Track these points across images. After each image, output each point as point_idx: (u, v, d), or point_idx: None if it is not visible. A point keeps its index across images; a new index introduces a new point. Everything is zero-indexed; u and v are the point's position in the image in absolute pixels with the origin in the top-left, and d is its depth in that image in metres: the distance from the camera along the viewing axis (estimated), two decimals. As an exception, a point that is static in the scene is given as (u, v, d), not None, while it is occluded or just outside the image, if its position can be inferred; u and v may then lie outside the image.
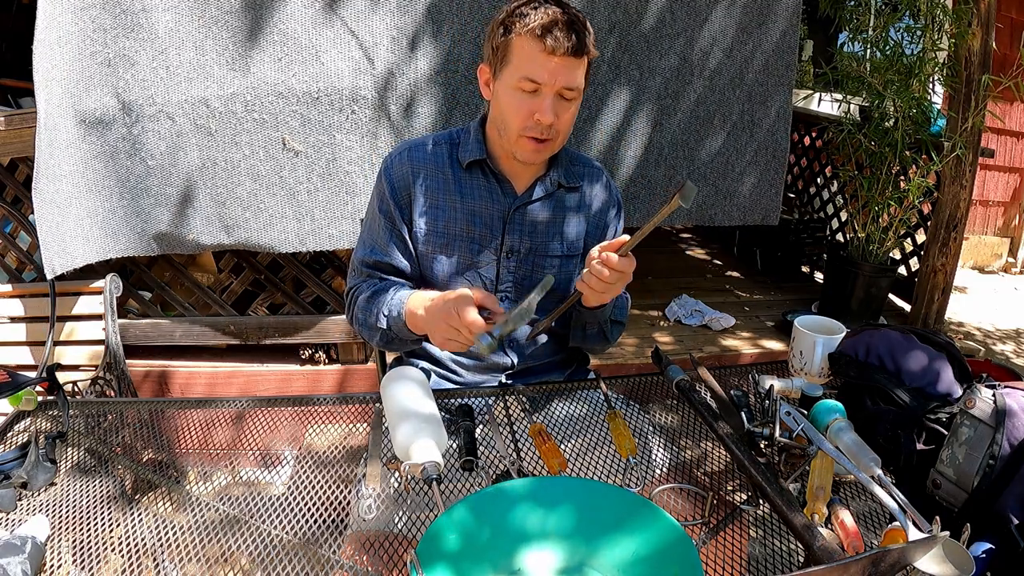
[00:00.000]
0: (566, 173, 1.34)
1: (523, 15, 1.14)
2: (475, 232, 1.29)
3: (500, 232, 1.30)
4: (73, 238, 2.19)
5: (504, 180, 1.30)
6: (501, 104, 1.20)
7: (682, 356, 2.78)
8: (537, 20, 1.12)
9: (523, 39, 1.14)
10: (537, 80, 1.14)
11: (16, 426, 1.16)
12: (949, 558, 0.72)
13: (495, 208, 1.29)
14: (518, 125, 1.18)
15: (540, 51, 1.12)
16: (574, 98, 1.19)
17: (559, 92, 1.16)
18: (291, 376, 2.68)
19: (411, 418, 0.99)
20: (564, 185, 1.33)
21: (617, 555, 0.81)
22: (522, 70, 1.14)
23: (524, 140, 1.19)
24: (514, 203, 1.30)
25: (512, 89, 1.17)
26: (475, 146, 1.28)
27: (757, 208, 2.87)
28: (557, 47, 1.11)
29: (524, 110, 1.16)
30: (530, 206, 1.31)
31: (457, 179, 1.29)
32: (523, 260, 1.32)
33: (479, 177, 1.30)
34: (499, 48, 1.18)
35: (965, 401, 0.94)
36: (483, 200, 1.29)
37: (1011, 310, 4.51)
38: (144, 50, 2.12)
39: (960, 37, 2.80)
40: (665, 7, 2.48)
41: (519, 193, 1.31)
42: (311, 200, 2.32)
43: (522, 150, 1.21)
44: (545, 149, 1.22)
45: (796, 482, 0.96)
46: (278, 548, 0.91)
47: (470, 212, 1.29)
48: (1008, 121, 4.89)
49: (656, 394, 1.32)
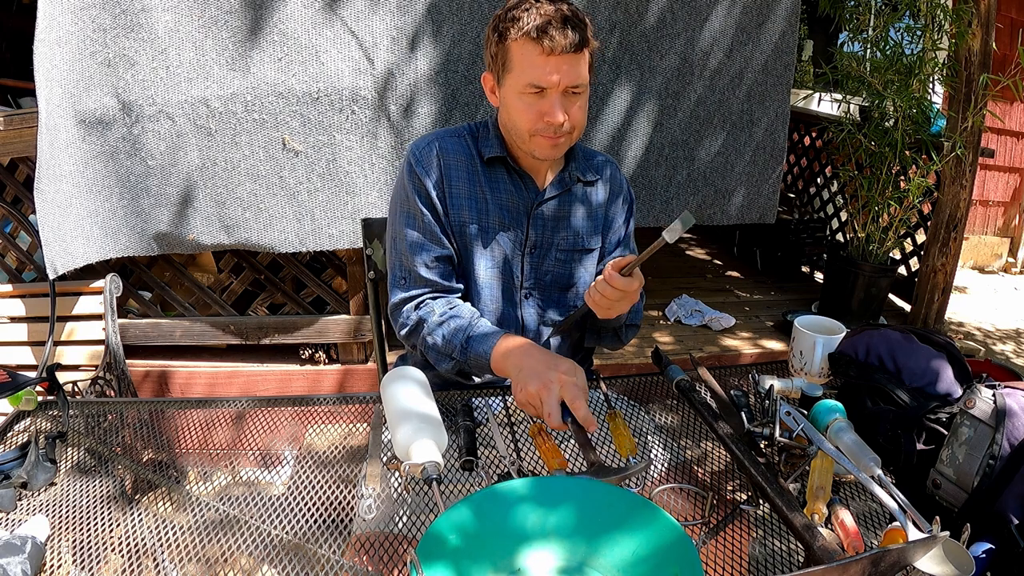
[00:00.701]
0: (582, 167, 1.35)
1: (515, 19, 1.11)
2: (506, 224, 1.29)
3: (525, 226, 1.30)
4: (74, 238, 2.19)
5: (526, 175, 1.30)
6: (510, 110, 1.20)
7: (682, 356, 2.78)
8: (531, 22, 1.10)
9: (520, 44, 1.12)
10: (541, 84, 1.13)
11: (16, 426, 1.16)
12: (949, 558, 0.72)
13: (520, 202, 1.30)
14: (529, 128, 1.18)
15: (539, 54, 1.11)
16: (582, 91, 1.18)
17: (566, 90, 1.15)
18: (291, 376, 2.68)
19: (411, 418, 0.99)
20: (582, 179, 1.34)
21: (617, 555, 0.81)
22: (525, 76, 1.13)
23: (539, 139, 1.19)
24: (537, 198, 1.30)
25: (518, 95, 1.16)
26: (495, 142, 1.28)
27: (755, 206, 2.87)
28: (555, 47, 1.10)
29: (533, 113, 1.16)
30: (551, 201, 1.32)
31: (483, 172, 1.29)
32: (545, 254, 1.33)
33: (502, 172, 1.30)
34: (498, 56, 1.18)
35: (965, 401, 0.94)
36: (509, 194, 1.29)
37: (1011, 310, 4.51)
38: (144, 50, 2.12)
39: (960, 37, 2.80)
40: (666, 7, 2.48)
41: (540, 188, 1.31)
42: (311, 200, 2.32)
43: (539, 148, 1.21)
44: (563, 143, 1.21)
45: (796, 482, 0.96)
46: (278, 548, 0.91)
47: (499, 205, 1.29)
48: (1008, 121, 4.89)
49: (656, 394, 1.32)
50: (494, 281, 1.33)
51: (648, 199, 2.69)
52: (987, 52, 2.83)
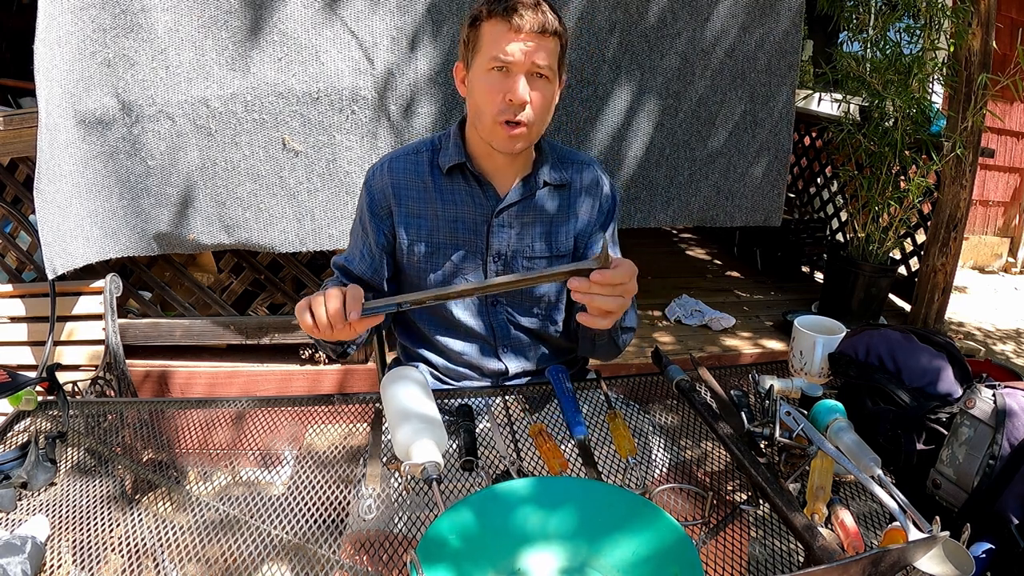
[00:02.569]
0: (553, 171, 1.32)
1: (488, 3, 1.16)
2: (459, 238, 1.29)
3: (484, 236, 1.29)
4: (74, 238, 2.19)
5: (486, 183, 1.28)
6: (474, 93, 1.20)
7: (682, 356, 2.78)
8: (501, 4, 1.13)
9: (490, 23, 1.15)
10: (505, 59, 1.13)
11: (16, 426, 1.16)
12: (949, 558, 0.72)
13: (477, 212, 1.28)
14: (492, 110, 1.16)
15: (507, 30, 1.13)
16: (548, 78, 1.18)
17: (530, 71, 1.15)
18: (291, 376, 2.68)
19: (411, 418, 0.99)
20: (550, 183, 1.31)
21: (617, 555, 0.81)
22: (491, 52, 1.15)
23: (499, 127, 1.17)
24: (497, 206, 1.28)
25: (484, 73, 1.17)
26: (454, 150, 1.27)
27: (759, 209, 2.86)
28: (523, 24, 1.12)
29: (496, 92, 1.15)
30: (513, 207, 1.29)
31: (438, 186, 1.28)
32: (510, 262, 1.31)
33: (460, 182, 1.28)
34: (469, 40, 1.20)
35: (965, 401, 0.94)
36: (465, 205, 1.28)
37: (1011, 310, 4.51)
38: (144, 50, 2.12)
39: (960, 37, 2.80)
40: (666, 7, 2.48)
41: (502, 194, 1.29)
42: (311, 200, 2.32)
43: (498, 138, 1.19)
44: (521, 136, 1.19)
45: (796, 482, 0.96)
46: (278, 548, 0.91)
47: (452, 219, 1.28)
48: (1008, 121, 4.90)
49: (656, 394, 1.32)
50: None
51: (649, 199, 2.69)
52: (987, 52, 2.83)
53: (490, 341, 1.36)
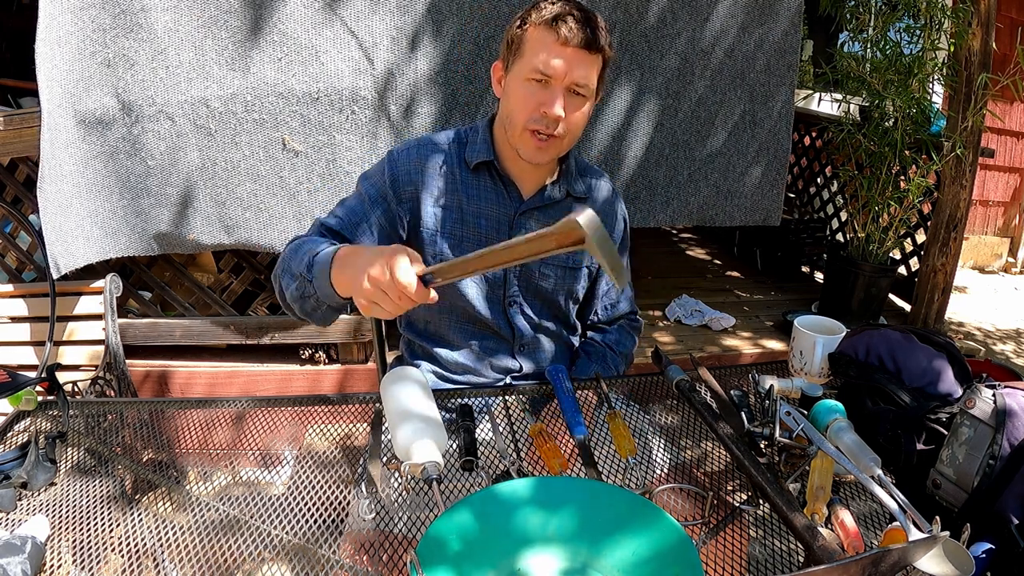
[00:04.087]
0: (576, 183, 1.33)
1: (539, 8, 1.14)
2: (481, 234, 1.28)
3: (507, 234, 1.29)
4: (75, 238, 2.19)
5: (510, 183, 1.28)
6: (510, 97, 1.19)
7: (682, 356, 2.78)
8: (551, 12, 1.12)
9: (536, 29, 1.14)
10: (548, 72, 1.13)
11: (16, 426, 1.16)
12: (949, 558, 0.72)
13: (501, 211, 1.29)
14: (524, 118, 1.16)
15: (553, 41, 1.12)
16: (586, 97, 1.18)
17: (569, 87, 1.15)
18: (291, 376, 2.68)
19: (411, 418, 0.99)
20: (573, 195, 1.32)
21: (617, 555, 0.81)
22: (534, 60, 1.14)
23: (528, 135, 1.17)
24: (520, 207, 1.29)
25: (522, 81, 1.16)
26: (483, 146, 1.27)
27: (759, 209, 2.86)
28: (571, 37, 1.11)
29: (532, 102, 1.15)
30: (536, 211, 1.30)
31: (464, 180, 1.28)
32: (531, 267, 1.32)
33: (486, 179, 1.28)
34: (513, 40, 1.18)
35: (965, 401, 0.94)
36: (489, 202, 1.28)
37: (1011, 310, 4.51)
38: (143, 50, 2.12)
39: (960, 37, 2.80)
40: (666, 7, 2.48)
41: (525, 197, 1.30)
42: (311, 200, 2.32)
43: (525, 146, 1.19)
44: (550, 148, 1.19)
45: (796, 482, 0.96)
46: (278, 548, 0.91)
47: (476, 214, 1.28)
48: (1008, 121, 4.90)
49: (656, 394, 1.32)
50: (478, 290, 1.32)
51: (648, 199, 2.69)
52: (987, 52, 2.83)
53: (508, 339, 1.37)
